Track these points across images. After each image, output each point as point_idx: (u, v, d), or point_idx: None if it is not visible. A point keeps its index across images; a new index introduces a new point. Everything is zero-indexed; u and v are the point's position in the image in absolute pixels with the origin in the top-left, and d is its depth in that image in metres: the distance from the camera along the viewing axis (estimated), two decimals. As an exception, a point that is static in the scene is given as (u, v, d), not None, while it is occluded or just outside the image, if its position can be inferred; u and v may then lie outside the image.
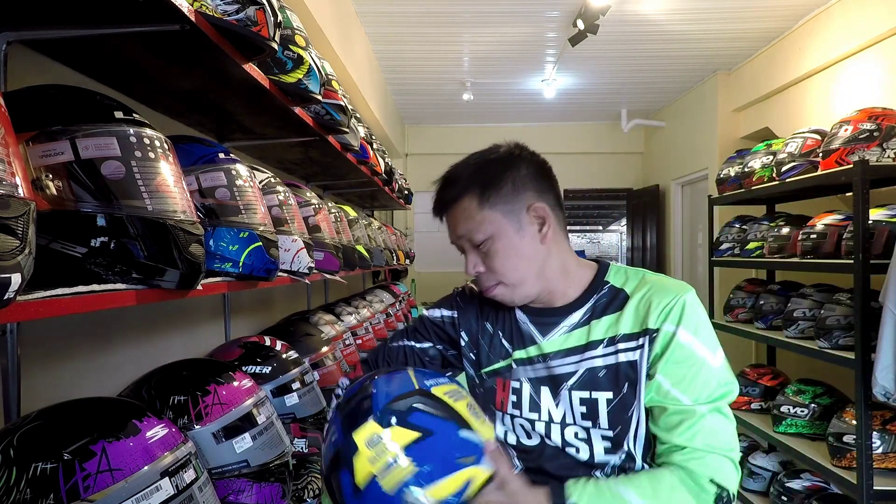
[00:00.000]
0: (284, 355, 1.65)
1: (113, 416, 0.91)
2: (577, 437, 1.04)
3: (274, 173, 1.69)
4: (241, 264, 1.26)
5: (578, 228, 13.37)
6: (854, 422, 2.51)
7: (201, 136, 1.76)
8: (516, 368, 1.09)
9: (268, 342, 1.69)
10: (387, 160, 3.73)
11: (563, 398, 1.04)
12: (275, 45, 1.32)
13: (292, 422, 1.59)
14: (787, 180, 3.04)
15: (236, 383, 1.28)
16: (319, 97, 1.74)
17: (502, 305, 1.13)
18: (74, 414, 0.89)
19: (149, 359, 1.68)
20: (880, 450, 2.48)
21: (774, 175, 3.16)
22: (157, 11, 1.03)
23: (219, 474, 1.18)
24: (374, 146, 3.19)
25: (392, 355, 1.26)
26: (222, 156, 1.30)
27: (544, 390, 1.06)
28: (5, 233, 0.61)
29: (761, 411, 3.39)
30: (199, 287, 1.04)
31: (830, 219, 2.84)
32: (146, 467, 0.85)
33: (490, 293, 1.07)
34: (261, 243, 1.29)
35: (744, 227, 3.74)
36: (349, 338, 2.54)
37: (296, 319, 2.37)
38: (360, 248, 2.71)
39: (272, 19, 1.28)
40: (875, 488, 2.40)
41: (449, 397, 0.92)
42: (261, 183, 1.55)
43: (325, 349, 2.02)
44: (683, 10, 4.08)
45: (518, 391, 1.08)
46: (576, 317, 1.07)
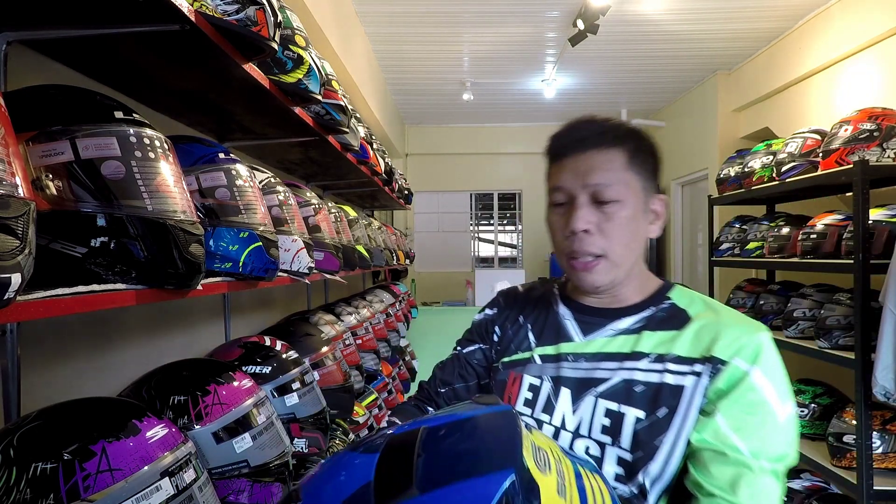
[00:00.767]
0: (284, 355, 1.65)
1: (113, 416, 0.91)
2: (587, 452, 0.93)
3: (274, 173, 1.69)
4: (241, 264, 1.26)
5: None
6: (854, 422, 2.51)
7: (201, 136, 1.76)
8: (540, 364, 1.01)
9: (268, 342, 1.69)
10: (387, 160, 3.73)
11: (584, 404, 0.94)
12: (275, 45, 1.32)
13: (292, 422, 1.59)
14: (787, 180, 3.04)
15: (236, 383, 1.28)
16: (319, 97, 1.74)
17: (545, 302, 1.07)
18: (74, 414, 0.89)
19: (149, 359, 1.68)
20: (880, 450, 2.48)
21: (774, 175, 3.16)
22: (157, 11, 1.03)
23: (219, 474, 1.18)
24: (374, 146, 3.19)
25: (449, 369, 1.16)
26: (222, 156, 1.30)
27: (564, 392, 0.96)
28: (5, 233, 0.61)
29: (761, 411, 3.38)
30: (199, 287, 1.04)
31: (830, 219, 2.84)
32: (146, 467, 0.85)
33: (590, 267, 0.94)
34: (261, 243, 1.29)
35: (744, 227, 3.74)
36: (349, 338, 2.54)
37: (296, 319, 2.37)
38: (360, 248, 2.71)
39: (272, 19, 1.28)
40: (875, 488, 2.40)
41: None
42: (261, 183, 1.55)
43: (325, 349, 2.02)
44: (683, 10, 4.08)
45: (536, 389, 0.99)
46: (625, 322, 0.98)
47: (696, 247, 6.06)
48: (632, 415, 0.90)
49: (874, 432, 2.48)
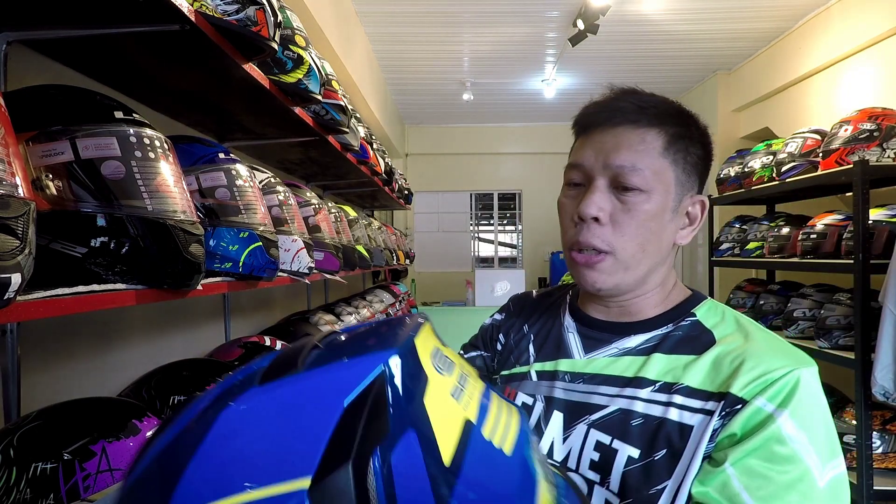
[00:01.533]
0: (284, 355, 1.65)
1: (113, 416, 0.91)
2: None
3: (274, 173, 1.69)
4: (241, 264, 1.26)
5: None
6: (854, 422, 2.51)
7: (201, 136, 1.76)
8: (535, 382, 0.88)
9: (268, 342, 1.69)
10: (387, 160, 3.73)
11: (576, 433, 0.80)
12: (275, 45, 1.32)
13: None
14: (787, 180, 3.04)
15: (236, 383, 1.27)
16: (319, 97, 1.74)
17: (553, 311, 0.95)
18: (74, 414, 0.89)
19: (149, 359, 1.68)
20: (880, 450, 2.48)
21: (774, 175, 3.16)
22: (157, 11, 1.03)
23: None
24: (374, 146, 3.19)
25: None
26: (222, 156, 1.30)
27: (556, 416, 0.82)
28: (5, 233, 0.61)
29: (761, 411, 3.38)
30: (199, 287, 1.04)
31: (830, 219, 2.84)
32: (146, 467, 0.85)
33: (592, 262, 0.80)
34: (261, 243, 1.29)
35: (744, 227, 3.74)
36: (349, 338, 2.53)
37: (296, 319, 2.37)
38: (360, 248, 2.71)
39: (272, 19, 1.28)
40: (875, 488, 2.40)
41: None
42: (261, 183, 1.55)
43: (325, 349, 2.01)
44: (683, 10, 4.08)
45: (529, 409, 0.85)
46: (634, 341, 0.82)
47: (697, 247, 6.05)
48: (624, 452, 0.74)
49: (874, 432, 2.48)
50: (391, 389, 0.39)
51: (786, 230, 3.19)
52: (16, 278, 0.61)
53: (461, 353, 1.05)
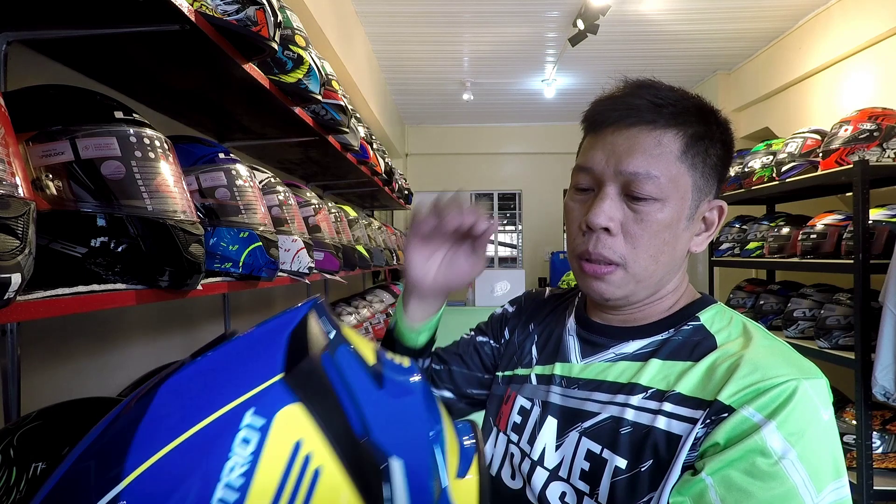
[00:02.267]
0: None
1: (113, 416, 0.90)
2: (562, 499, 0.73)
3: (274, 173, 1.69)
4: (241, 264, 1.26)
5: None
6: (854, 422, 2.51)
7: (201, 136, 1.76)
8: (534, 385, 0.84)
9: (268, 342, 1.68)
10: (387, 160, 3.73)
11: (568, 441, 0.76)
12: (275, 45, 1.32)
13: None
14: (787, 180, 3.04)
15: (236, 383, 1.27)
16: (319, 97, 1.74)
17: (560, 312, 0.91)
18: (74, 414, 0.89)
19: (149, 359, 1.68)
20: (880, 450, 2.48)
21: (774, 175, 3.16)
22: (157, 11, 1.04)
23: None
24: (374, 146, 3.19)
25: (452, 347, 1.02)
26: (222, 156, 1.30)
27: (550, 422, 0.79)
28: (5, 233, 0.61)
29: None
30: (199, 287, 1.04)
31: (830, 219, 2.84)
32: (146, 467, 0.85)
33: (601, 273, 0.75)
34: (261, 243, 1.29)
35: (744, 227, 3.74)
36: (349, 338, 2.54)
37: (296, 319, 2.37)
38: (360, 248, 2.71)
39: (272, 19, 1.28)
40: (875, 488, 2.41)
41: None
42: (261, 183, 1.55)
43: (325, 349, 2.02)
44: (683, 10, 4.08)
45: (526, 413, 0.82)
46: (633, 346, 0.77)
47: (696, 247, 6.06)
48: (613, 462, 0.70)
49: (874, 432, 2.48)
50: (324, 315, 0.49)
51: (786, 230, 3.19)
52: (16, 278, 0.61)
53: (472, 334, 1.03)
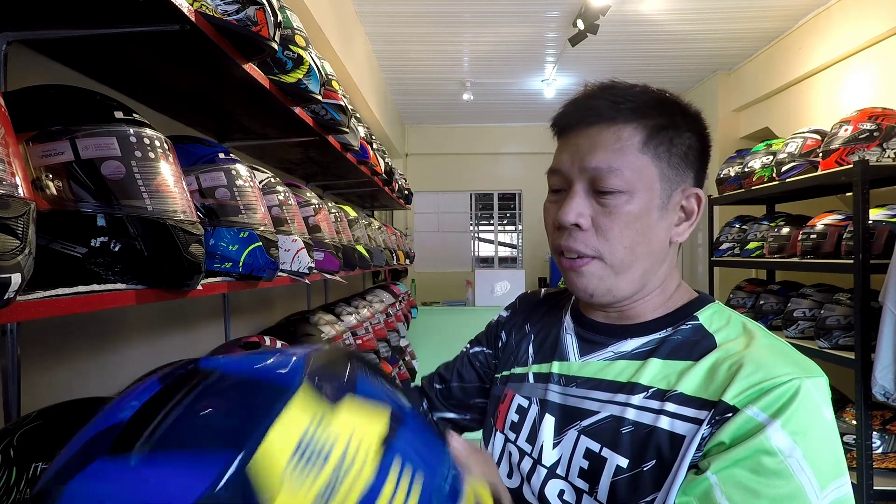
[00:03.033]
0: (284, 355, 1.65)
1: (113, 416, 0.90)
2: (561, 496, 0.75)
3: (274, 173, 1.69)
4: (241, 264, 1.26)
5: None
6: (854, 422, 2.51)
7: (201, 136, 1.76)
8: (532, 384, 0.86)
9: (268, 342, 1.69)
10: (387, 160, 3.73)
11: (567, 439, 0.77)
12: (275, 45, 1.32)
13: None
14: (787, 180, 3.04)
15: (236, 383, 1.27)
16: (319, 97, 1.74)
17: (556, 312, 0.92)
18: (74, 414, 0.89)
19: (149, 359, 1.68)
20: (880, 450, 2.48)
21: (774, 175, 3.16)
22: (157, 11, 1.03)
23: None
24: (374, 146, 3.19)
25: (451, 365, 1.05)
26: (222, 156, 1.30)
27: (548, 420, 0.80)
28: (5, 233, 0.61)
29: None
30: (199, 287, 1.04)
31: (830, 219, 2.84)
32: (146, 467, 0.85)
33: (577, 266, 0.77)
34: (261, 243, 1.29)
35: (744, 227, 3.74)
36: (349, 338, 2.54)
37: (296, 319, 2.37)
38: (360, 248, 2.71)
39: (272, 19, 1.28)
40: (875, 488, 2.41)
41: None
42: (261, 183, 1.55)
43: (325, 349, 2.02)
44: (683, 10, 4.08)
45: (524, 411, 0.84)
46: (631, 344, 0.78)
47: (696, 247, 6.06)
48: (612, 462, 0.71)
49: (874, 432, 2.48)
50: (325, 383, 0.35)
51: (786, 230, 3.19)
52: (16, 278, 0.61)
53: (467, 347, 1.04)
